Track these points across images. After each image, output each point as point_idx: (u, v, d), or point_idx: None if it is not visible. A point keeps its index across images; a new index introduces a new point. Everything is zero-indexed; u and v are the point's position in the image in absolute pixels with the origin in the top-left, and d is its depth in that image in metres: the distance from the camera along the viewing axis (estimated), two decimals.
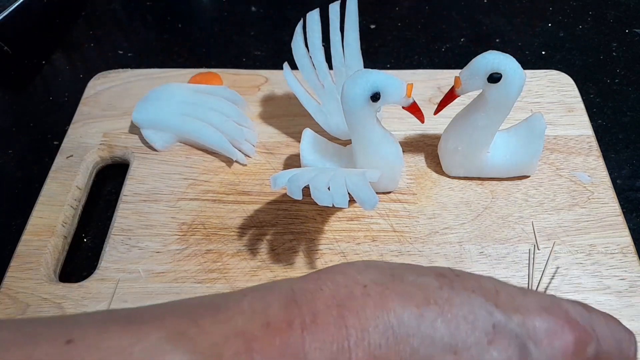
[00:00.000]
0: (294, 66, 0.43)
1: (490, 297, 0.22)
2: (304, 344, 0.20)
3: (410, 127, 0.46)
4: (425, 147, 0.45)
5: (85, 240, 0.42)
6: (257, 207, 0.41)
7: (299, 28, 0.41)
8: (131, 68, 0.51)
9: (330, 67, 0.43)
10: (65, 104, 0.52)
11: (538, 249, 0.38)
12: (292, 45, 0.41)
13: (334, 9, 0.40)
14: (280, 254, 0.38)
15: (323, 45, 0.42)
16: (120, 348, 0.19)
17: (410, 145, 0.45)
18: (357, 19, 0.40)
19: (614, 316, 0.35)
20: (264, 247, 0.39)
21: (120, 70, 0.50)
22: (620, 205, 0.41)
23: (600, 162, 0.43)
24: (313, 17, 0.40)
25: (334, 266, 0.24)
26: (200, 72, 0.49)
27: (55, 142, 0.48)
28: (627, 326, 0.34)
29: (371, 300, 0.21)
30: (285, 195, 0.41)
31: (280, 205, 0.41)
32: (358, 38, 0.41)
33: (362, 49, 0.42)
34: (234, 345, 0.20)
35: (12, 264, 0.38)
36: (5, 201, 0.45)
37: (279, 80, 0.49)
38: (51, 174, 0.43)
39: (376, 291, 0.22)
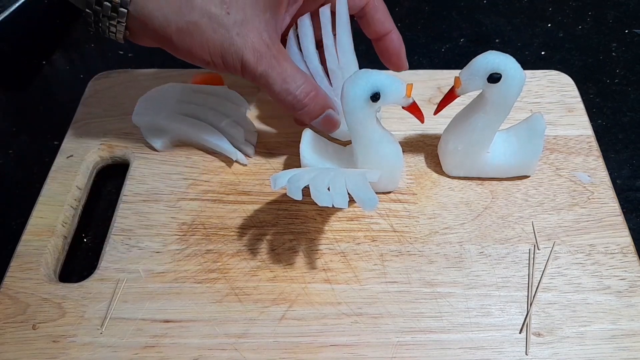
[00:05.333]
0: None
1: None
2: None
3: (410, 127, 0.46)
4: (425, 147, 0.45)
5: (85, 240, 0.42)
6: (257, 207, 0.41)
7: (291, 33, 0.40)
8: (131, 68, 0.51)
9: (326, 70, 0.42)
10: (65, 104, 0.52)
11: (538, 249, 0.38)
12: (286, 50, 0.41)
13: (324, 13, 0.39)
14: (280, 254, 0.38)
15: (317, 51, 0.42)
16: None
17: (410, 145, 0.45)
18: (349, 20, 0.39)
19: (614, 316, 0.35)
20: (264, 247, 0.39)
21: (120, 70, 0.50)
22: (620, 205, 0.41)
23: (600, 162, 0.43)
24: (304, 22, 0.40)
25: None
26: (202, 72, 0.49)
27: (55, 142, 0.48)
28: (627, 326, 0.35)
29: None
30: (285, 195, 0.41)
31: (280, 205, 0.41)
32: (351, 39, 0.40)
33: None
34: None
35: (12, 264, 0.38)
36: (5, 201, 0.45)
37: None
38: (51, 174, 0.43)
39: None
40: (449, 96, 0.38)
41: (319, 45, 0.41)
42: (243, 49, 0.34)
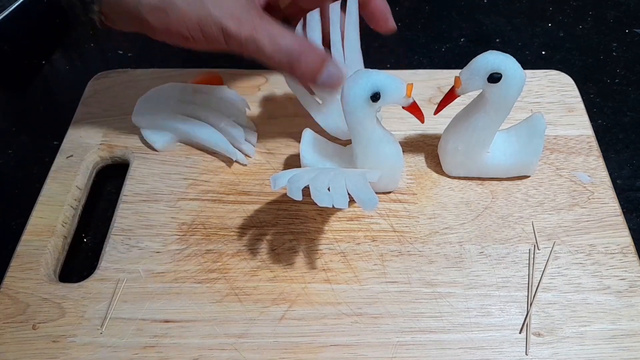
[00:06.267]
0: None
1: None
2: None
3: (410, 127, 0.46)
4: (425, 147, 0.45)
5: (85, 240, 0.42)
6: (257, 207, 0.41)
7: (299, 28, 0.41)
8: (131, 68, 0.51)
9: None
10: (65, 104, 0.52)
11: (538, 249, 0.38)
12: None
13: (334, 9, 0.40)
14: (280, 254, 0.38)
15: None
16: None
17: (410, 145, 0.45)
18: (358, 18, 0.40)
19: (614, 316, 0.35)
20: (264, 247, 0.39)
21: (120, 70, 0.50)
22: (620, 205, 0.41)
23: (600, 162, 0.43)
24: (314, 17, 0.40)
25: None
26: (202, 72, 0.49)
27: (55, 142, 0.48)
28: (627, 326, 0.35)
29: None
30: (285, 195, 0.41)
31: (280, 205, 0.41)
32: (358, 37, 0.41)
33: (362, 49, 0.42)
34: None
35: (12, 264, 0.38)
36: (5, 201, 0.45)
37: (279, 81, 0.49)
38: (51, 174, 0.43)
39: None
40: (449, 96, 0.38)
41: (324, 41, 0.41)
42: (221, 18, 0.33)
